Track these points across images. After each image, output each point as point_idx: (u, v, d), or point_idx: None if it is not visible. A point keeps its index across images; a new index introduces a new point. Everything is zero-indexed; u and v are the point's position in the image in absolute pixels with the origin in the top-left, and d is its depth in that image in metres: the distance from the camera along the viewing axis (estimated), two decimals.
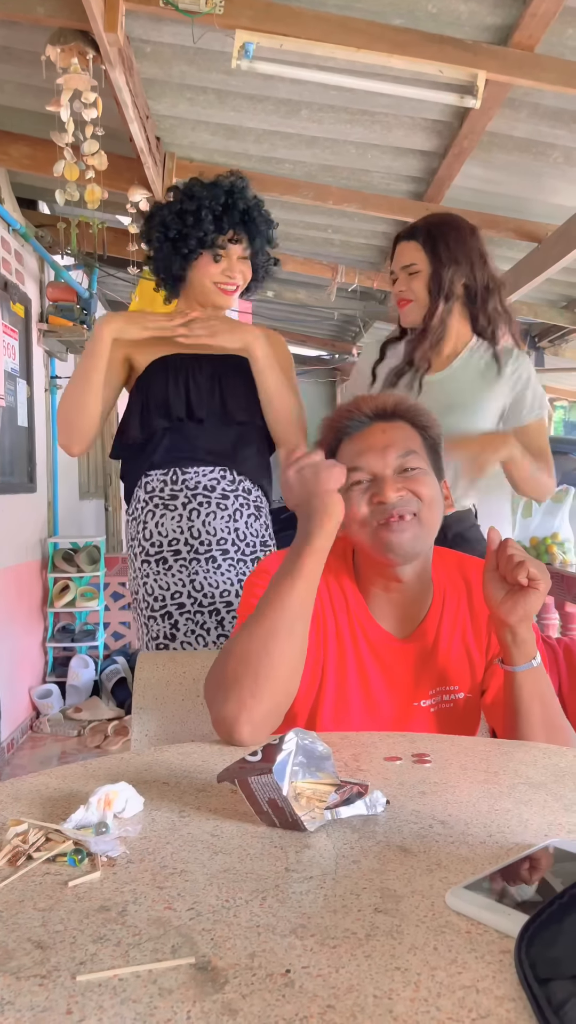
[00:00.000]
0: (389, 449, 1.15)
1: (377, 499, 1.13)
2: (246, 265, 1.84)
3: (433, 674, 1.19)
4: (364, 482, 1.15)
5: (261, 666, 1.01)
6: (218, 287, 1.81)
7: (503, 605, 1.06)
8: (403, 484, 1.13)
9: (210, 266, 1.80)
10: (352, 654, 1.17)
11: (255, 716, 1.00)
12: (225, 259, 1.80)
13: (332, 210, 3.74)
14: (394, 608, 1.19)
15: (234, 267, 1.81)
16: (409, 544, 1.12)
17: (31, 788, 0.86)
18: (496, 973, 0.53)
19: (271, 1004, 0.50)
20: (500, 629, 1.09)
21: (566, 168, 3.11)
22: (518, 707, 1.08)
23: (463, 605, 1.22)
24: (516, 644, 1.07)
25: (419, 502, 1.13)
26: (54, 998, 0.51)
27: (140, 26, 2.50)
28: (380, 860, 0.69)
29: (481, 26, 2.31)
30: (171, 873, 0.67)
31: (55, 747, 3.87)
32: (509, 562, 1.06)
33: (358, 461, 1.15)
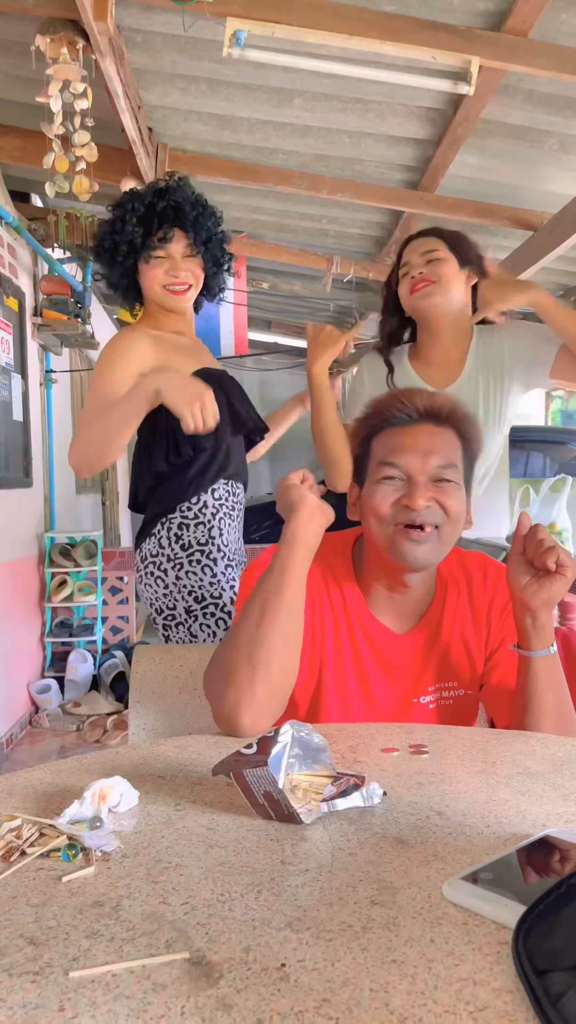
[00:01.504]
0: (431, 455, 1.11)
1: (405, 502, 1.10)
2: (193, 263, 1.79)
3: (433, 670, 1.19)
4: (396, 480, 1.12)
5: (254, 653, 1.01)
6: (167, 290, 1.78)
7: (527, 589, 1.05)
8: (434, 494, 1.10)
9: (153, 269, 1.77)
10: (350, 650, 1.17)
11: (255, 703, 0.99)
12: (167, 260, 1.76)
13: (326, 200, 3.72)
14: (394, 604, 1.18)
15: (178, 266, 1.77)
16: (423, 558, 1.11)
17: (25, 783, 0.85)
18: (494, 965, 0.53)
19: (266, 998, 0.50)
20: (521, 613, 1.07)
21: (561, 155, 3.09)
22: (531, 694, 1.07)
23: (463, 600, 1.21)
24: (536, 629, 1.06)
25: (444, 516, 1.11)
26: (46, 995, 0.50)
27: (130, 15, 2.48)
28: (377, 852, 0.69)
29: (474, 12, 2.29)
30: (166, 867, 0.67)
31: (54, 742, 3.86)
32: (539, 547, 1.05)
33: (396, 457, 1.12)
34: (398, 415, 1.14)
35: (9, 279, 3.86)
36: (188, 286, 1.79)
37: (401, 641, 1.18)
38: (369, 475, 1.15)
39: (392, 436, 1.14)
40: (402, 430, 1.14)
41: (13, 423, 3.87)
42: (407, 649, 1.18)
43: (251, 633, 1.03)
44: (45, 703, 4.18)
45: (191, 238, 1.77)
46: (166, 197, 1.74)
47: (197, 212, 1.77)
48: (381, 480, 1.12)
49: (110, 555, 4.80)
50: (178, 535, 1.77)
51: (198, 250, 1.79)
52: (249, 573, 1.16)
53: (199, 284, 1.83)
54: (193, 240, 1.77)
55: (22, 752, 3.74)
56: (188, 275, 1.78)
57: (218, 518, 1.79)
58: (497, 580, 1.22)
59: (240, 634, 1.03)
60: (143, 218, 1.74)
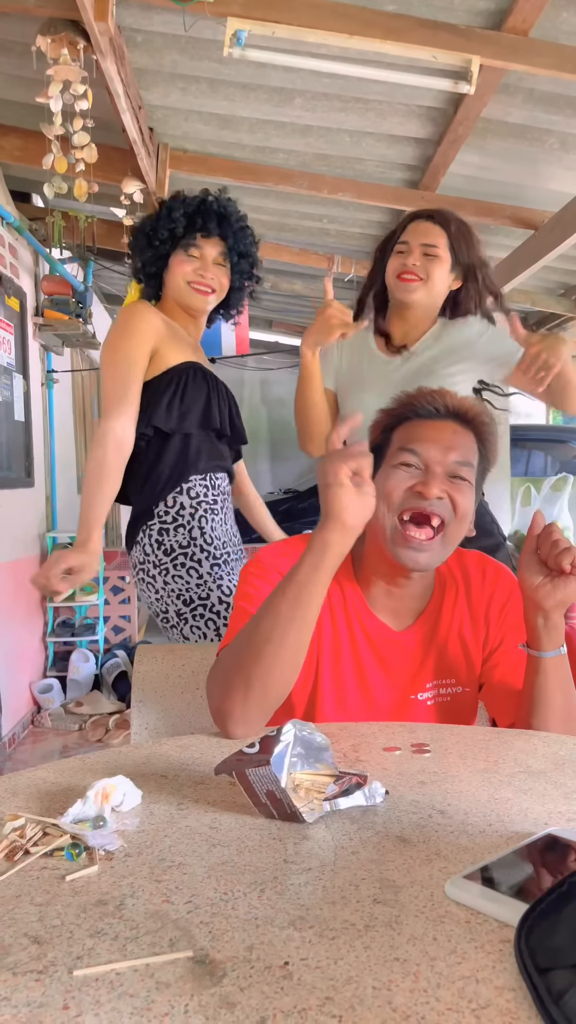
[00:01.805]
0: (452, 450, 1.12)
1: (419, 488, 1.10)
2: (222, 272, 1.85)
3: (430, 667, 1.19)
4: (413, 468, 1.12)
5: (254, 674, 0.99)
6: (191, 287, 1.83)
7: (540, 589, 1.05)
8: (448, 488, 1.11)
9: (183, 264, 1.82)
10: (348, 646, 1.17)
11: (248, 718, 1.00)
12: (199, 259, 1.82)
13: (327, 199, 3.72)
14: (393, 600, 1.18)
15: (207, 267, 1.82)
16: (424, 563, 1.11)
17: (28, 782, 0.86)
18: (496, 963, 0.53)
19: (269, 996, 0.50)
20: (533, 613, 1.07)
21: (562, 154, 3.09)
22: (539, 694, 1.07)
23: (461, 598, 1.21)
24: (547, 630, 1.06)
25: (452, 513, 1.11)
26: (51, 993, 0.51)
27: (131, 15, 2.48)
28: (379, 851, 0.69)
29: (474, 11, 2.29)
30: (169, 866, 0.67)
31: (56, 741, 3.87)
32: (554, 547, 1.04)
33: (417, 446, 1.13)
34: (426, 408, 1.16)
35: (10, 279, 3.86)
36: (212, 289, 1.84)
37: (399, 638, 1.18)
38: (386, 460, 1.15)
39: (416, 427, 1.15)
40: (427, 423, 1.15)
41: (15, 423, 3.87)
42: (405, 646, 1.18)
43: (254, 654, 0.99)
44: (47, 703, 4.19)
45: (227, 246, 1.83)
46: (216, 203, 1.83)
47: (240, 226, 1.85)
48: (398, 465, 1.13)
49: (112, 555, 4.80)
50: (159, 541, 1.77)
51: (230, 260, 1.85)
52: (249, 570, 1.16)
53: (221, 293, 1.87)
54: (228, 249, 1.84)
55: (24, 752, 3.74)
56: (214, 280, 1.83)
57: (197, 517, 1.77)
58: (496, 579, 1.22)
59: (243, 651, 1.00)
60: (189, 214, 1.80)
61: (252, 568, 1.15)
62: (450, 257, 1.81)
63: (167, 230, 1.81)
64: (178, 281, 1.83)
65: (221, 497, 1.85)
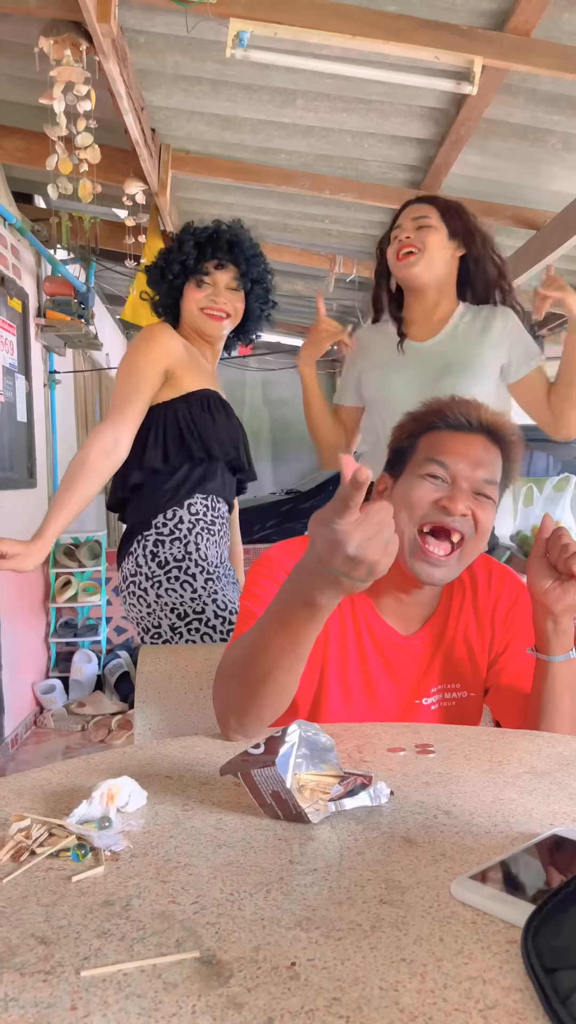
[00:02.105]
0: (481, 467, 1.11)
1: (445, 503, 1.09)
2: (236, 297, 1.87)
3: (437, 672, 1.19)
4: (440, 480, 1.11)
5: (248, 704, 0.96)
6: (204, 313, 1.85)
7: (550, 593, 1.04)
8: (472, 504, 1.10)
9: (196, 292, 1.85)
10: (355, 650, 1.17)
11: (249, 731, 0.99)
12: (211, 286, 1.84)
13: (329, 200, 3.72)
14: (401, 606, 1.17)
15: (220, 293, 1.84)
16: (439, 578, 1.11)
17: (34, 783, 0.86)
18: (502, 963, 0.53)
19: (276, 997, 0.50)
20: (542, 618, 1.06)
21: (564, 154, 3.09)
22: (547, 697, 1.07)
23: (467, 602, 1.21)
24: (556, 634, 1.06)
25: (473, 530, 1.10)
26: (58, 994, 0.51)
27: (133, 16, 2.48)
28: (385, 851, 0.69)
29: (476, 11, 2.29)
30: (175, 867, 0.67)
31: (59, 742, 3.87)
32: (564, 551, 1.04)
33: (447, 458, 1.10)
34: (458, 419, 1.13)
35: (12, 280, 3.86)
36: (226, 314, 1.86)
37: (406, 643, 1.17)
38: (411, 468, 1.13)
39: (446, 438, 1.13)
40: (458, 435, 1.13)
41: (17, 424, 3.87)
42: (412, 651, 1.18)
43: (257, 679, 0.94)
44: (50, 703, 4.19)
45: (240, 272, 1.85)
46: (227, 231, 1.85)
47: (252, 252, 1.86)
48: (425, 476, 1.11)
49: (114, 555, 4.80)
50: (154, 552, 1.75)
51: (244, 286, 1.87)
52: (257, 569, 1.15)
53: (236, 318, 1.89)
54: (241, 275, 1.85)
55: (27, 752, 3.75)
56: (228, 305, 1.85)
57: (195, 533, 1.77)
58: (501, 582, 1.22)
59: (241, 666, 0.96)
60: (200, 244, 1.83)
61: (260, 567, 1.14)
62: (444, 227, 1.83)
63: (179, 263, 1.84)
64: (192, 309, 1.86)
65: (220, 521, 1.84)
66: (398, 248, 1.84)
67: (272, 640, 0.91)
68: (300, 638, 0.89)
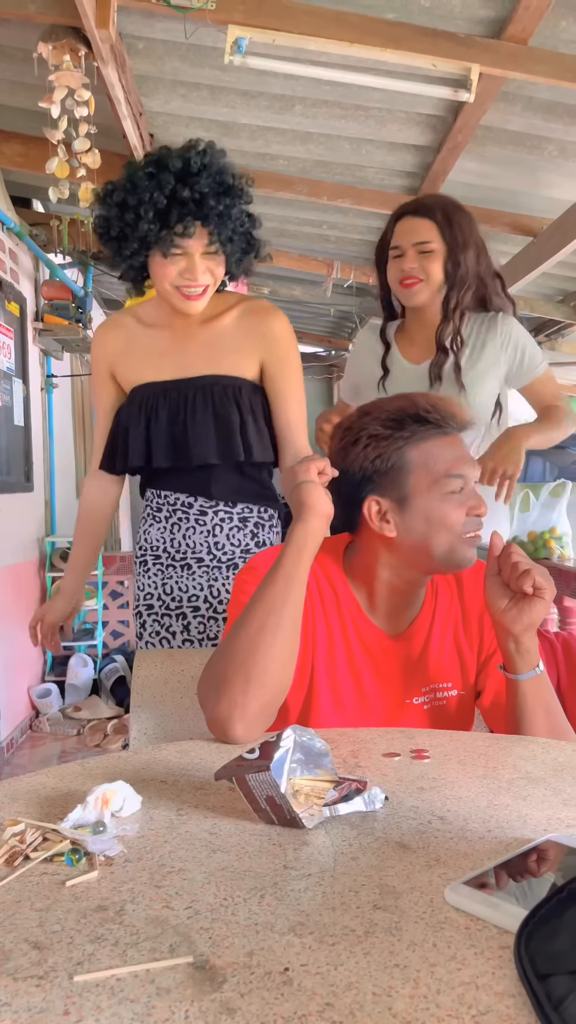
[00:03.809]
0: (475, 467, 1.16)
1: (475, 511, 1.12)
2: (215, 261, 1.54)
3: (425, 672, 1.19)
4: (460, 492, 1.12)
5: (251, 664, 1.00)
6: (179, 291, 1.55)
7: (507, 614, 1.05)
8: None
9: (165, 267, 1.52)
10: (343, 650, 1.17)
11: (248, 714, 0.99)
12: (183, 257, 1.52)
13: (327, 206, 3.73)
14: (386, 605, 1.18)
15: (195, 266, 1.52)
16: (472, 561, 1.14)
17: (28, 788, 0.86)
18: (496, 969, 0.53)
19: (270, 1002, 0.50)
20: (503, 638, 1.07)
21: (561, 161, 3.10)
22: (521, 715, 1.07)
23: (454, 603, 1.21)
24: (520, 653, 1.06)
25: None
26: (51, 999, 0.51)
27: (132, 22, 2.49)
28: (379, 856, 0.69)
29: (474, 19, 2.30)
30: (169, 872, 0.67)
31: (55, 746, 3.86)
32: (514, 570, 1.04)
33: (461, 468, 1.12)
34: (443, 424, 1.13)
35: (10, 284, 3.87)
36: (204, 288, 1.56)
37: (394, 643, 1.18)
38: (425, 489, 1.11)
39: (444, 445, 1.12)
40: (451, 440, 1.13)
41: (14, 428, 3.87)
42: (400, 651, 1.18)
43: (248, 644, 1.02)
44: (46, 707, 4.18)
45: (214, 234, 1.51)
46: (188, 184, 1.47)
47: (224, 205, 1.50)
48: (449, 494, 1.11)
49: (111, 559, 4.80)
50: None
51: (221, 247, 1.54)
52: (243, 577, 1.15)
53: (218, 281, 1.59)
54: (216, 236, 1.52)
55: (23, 756, 3.74)
56: (207, 276, 1.54)
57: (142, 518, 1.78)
58: None
59: (237, 644, 1.02)
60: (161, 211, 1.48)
61: (246, 576, 1.15)
62: (444, 246, 1.79)
63: (137, 240, 1.51)
64: (164, 286, 1.56)
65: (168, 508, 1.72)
66: (400, 276, 1.81)
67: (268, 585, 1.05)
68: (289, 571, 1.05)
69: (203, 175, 1.48)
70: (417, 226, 1.79)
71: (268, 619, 1.03)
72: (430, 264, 1.79)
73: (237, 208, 1.55)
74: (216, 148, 1.54)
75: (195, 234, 1.50)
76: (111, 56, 2.37)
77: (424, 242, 1.78)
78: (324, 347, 7.61)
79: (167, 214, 1.48)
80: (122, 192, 1.52)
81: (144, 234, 1.49)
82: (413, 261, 1.78)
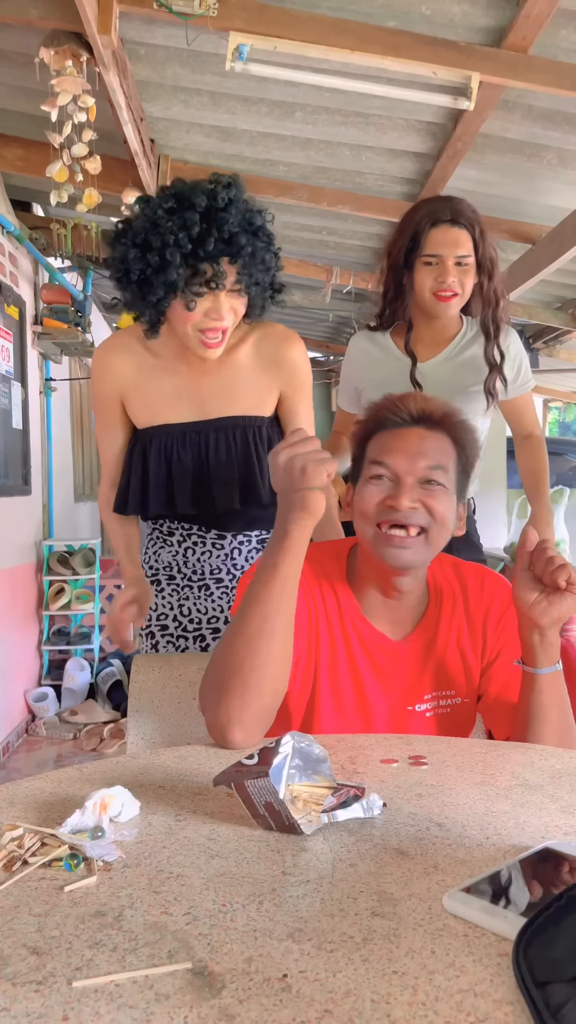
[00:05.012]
0: (420, 457, 1.12)
1: (389, 503, 1.10)
2: (239, 301, 1.48)
3: (429, 678, 1.19)
4: (384, 479, 1.12)
5: (246, 670, 1.00)
6: (201, 337, 1.47)
7: (536, 607, 1.04)
8: (420, 496, 1.11)
9: (186, 313, 1.45)
10: (345, 656, 1.17)
11: (246, 719, 1.00)
12: (209, 296, 1.44)
13: (326, 212, 3.74)
14: (389, 610, 1.18)
15: (220, 306, 1.45)
16: (408, 560, 1.11)
17: (26, 792, 0.86)
18: (494, 976, 0.53)
19: (268, 1009, 0.50)
20: (528, 631, 1.06)
21: (560, 169, 3.11)
22: (535, 710, 1.07)
23: (459, 609, 1.21)
24: (543, 647, 1.06)
25: (430, 519, 1.11)
26: (50, 1004, 0.51)
27: (134, 28, 2.50)
28: (377, 863, 0.69)
29: (474, 28, 2.31)
30: (167, 877, 0.67)
31: (51, 750, 3.85)
32: (549, 564, 1.04)
33: (385, 457, 1.13)
34: (392, 418, 1.16)
35: (10, 288, 3.87)
36: (224, 331, 1.49)
37: (396, 648, 1.18)
38: (362, 474, 1.16)
39: (386, 437, 1.15)
40: (395, 432, 1.15)
41: (13, 431, 3.87)
42: (402, 656, 1.18)
43: (246, 651, 1.02)
44: (42, 711, 4.17)
45: (241, 273, 1.45)
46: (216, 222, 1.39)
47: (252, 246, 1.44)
48: (369, 479, 1.13)
49: (108, 563, 4.79)
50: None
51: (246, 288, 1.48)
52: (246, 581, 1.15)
53: (238, 319, 1.53)
54: (243, 276, 1.45)
55: (18, 760, 3.73)
56: (231, 316, 1.48)
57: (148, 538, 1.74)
58: (493, 591, 1.23)
59: (234, 651, 1.02)
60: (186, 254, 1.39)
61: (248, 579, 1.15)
62: (475, 261, 1.79)
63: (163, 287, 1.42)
64: (185, 330, 1.48)
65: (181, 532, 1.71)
66: (438, 287, 1.77)
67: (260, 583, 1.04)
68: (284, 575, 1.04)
69: (231, 210, 1.41)
70: (459, 238, 1.76)
71: (264, 626, 1.02)
72: (467, 279, 1.77)
73: (268, 253, 1.50)
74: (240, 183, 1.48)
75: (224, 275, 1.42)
76: (112, 62, 2.37)
77: (465, 255, 1.76)
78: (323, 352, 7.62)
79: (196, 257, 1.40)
80: (142, 232, 1.42)
81: (172, 279, 1.41)
82: (454, 274, 1.75)
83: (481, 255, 1.78)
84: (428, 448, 1.13)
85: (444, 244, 1.76)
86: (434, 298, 1.79)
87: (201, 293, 1.43)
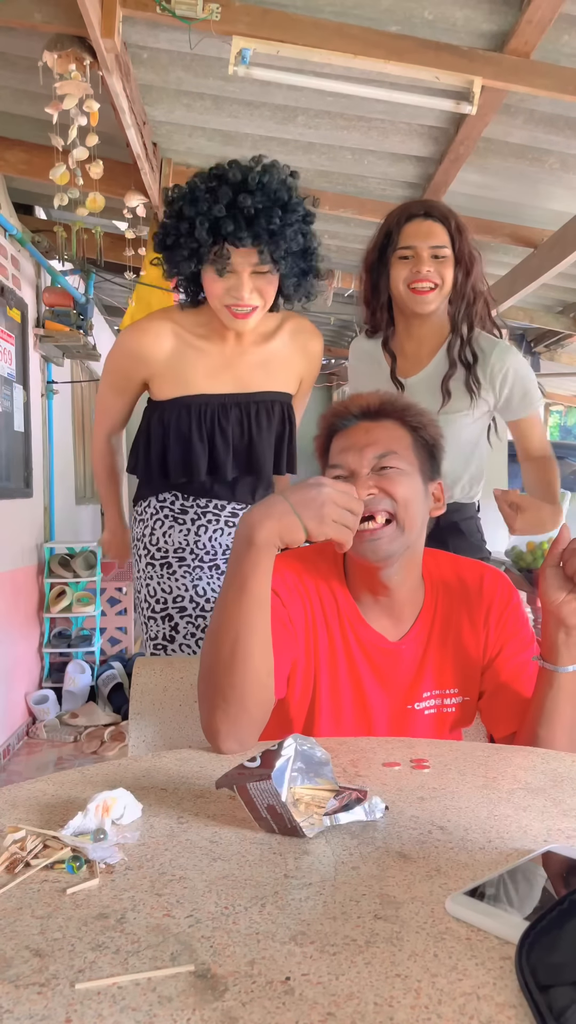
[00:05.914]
0: (367, 448, 1.13)
1: None
2: (265, 280, 1.54)
3: (428, 677, 1.19)
4: (343, 479, 1.13)
5: (226, 688, 1.00)
6: (228, 309, 1.56)
7: (565, 606, 1.04)
8: (376, 483, 1.11)
9: (215, 283, 1.54)
10: (344, 657, 1.17)
11: (235, 730, 1.00)
12: (232, 275, 1.52)
13: (328, 216, 3.74)
14: (385, 610, 1.18)
15: (243, 284, 1.52)
16: (384, 551, 1.11)
17: (28, 795, 0.86)
18: (497, 980, 0.53)
19: (271, 1012, 0.50)
20: (554, 628, 1.06)
21: (561, 174, 3.12)
22: (550, 708, 1.07)
23: (459, 606, 1.21)
24: (568, 645, 1.06)
25: (392, 502, 1.11)
26: (53, 1006, 0.51)
27: (137, 32, 2.50)
28: (379, 866, 0.69)
29: (477, 32, 2.32)
30: (170, 880, 0.67)
31: (51, 753, 3.85)
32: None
33: (338, 458, 1.15)
34: (340, 421, 1.19)
35: (12, 290, 3.88)
36: (251, 308, 1.56)
37: (395, 648, 1.18)
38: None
39: (337, 441, 1.18)
40: (344, 432, 1.18)
41: (14, 433, 3.88)
42: (401, 656, 1.18)
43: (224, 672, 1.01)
44: (42, 714, 4.17)
45: (264, 252, 1.50)
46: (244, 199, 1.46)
47: (276, 223, 1.48)
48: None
49: (109, 566, 4.79)
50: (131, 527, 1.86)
51: (274, 266, 1.53)
52: None
53: (268, 303, 1.59)
54: (267, 255, 1.51)
55: (19, 763, 3.72)
56: (254, 296, 1.54)
57: (155, 519, 1.76)
58: (494, 587, 1.22)
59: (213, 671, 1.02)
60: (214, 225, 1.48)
61: None
62: (453, 256, 1.74)
63: (188, 250, 1.53)
64: (214, 302, 1.58)
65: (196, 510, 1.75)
66: (413, 279, 1.72)
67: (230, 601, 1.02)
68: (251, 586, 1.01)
69: (258, 193, 1.48)
70: (433, 230, 1.72)
71: (237, 648, 1.01)
72: (445, 270, 1.72)
73: (294, 227, 1.53)
74: (281, 166, 1.54)
75: (243, 253, 1.50)
76: (116, 65, 2.38)
77: (440, 247, 1.71)
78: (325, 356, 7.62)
79: (219, 226, 1.48)
80: (180, 201, 1.53)
81: (196, 246, 1.51)
82: (430, 265, 1.71)
83: (459, 250, 1.74)
84: (375, 438, 1.15)
85: (417, 235, 1.72)
86: (409, 291, 1.73)
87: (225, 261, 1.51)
